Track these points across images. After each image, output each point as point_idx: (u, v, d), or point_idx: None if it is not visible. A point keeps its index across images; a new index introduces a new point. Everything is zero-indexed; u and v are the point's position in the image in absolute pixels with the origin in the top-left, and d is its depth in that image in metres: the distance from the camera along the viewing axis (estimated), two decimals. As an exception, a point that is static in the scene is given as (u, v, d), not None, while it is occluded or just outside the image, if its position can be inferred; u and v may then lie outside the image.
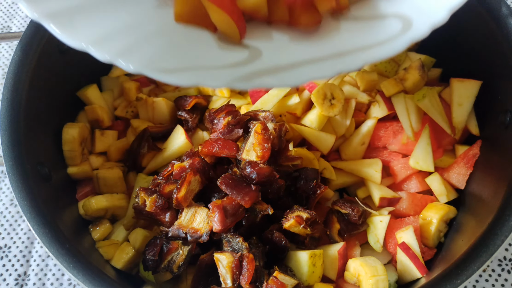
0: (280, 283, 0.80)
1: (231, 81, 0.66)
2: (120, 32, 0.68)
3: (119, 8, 0.73)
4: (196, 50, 0.71)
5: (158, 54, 0.68)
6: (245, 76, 0.67)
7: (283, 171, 0.93)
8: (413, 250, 0.90)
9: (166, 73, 0.65)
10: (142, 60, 0.65)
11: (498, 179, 0.89)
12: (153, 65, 0.65)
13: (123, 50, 0.65)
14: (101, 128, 1.09)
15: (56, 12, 0.66)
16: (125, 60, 0.64)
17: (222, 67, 0.69)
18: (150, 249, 0.86)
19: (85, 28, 0.66)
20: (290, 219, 0.86)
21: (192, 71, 0.67)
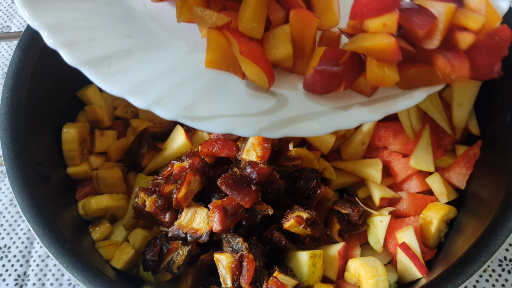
0: (280, 284, 0.80)
1: (260, 130, 0.70)
2: (155, 79, 0.71)
3: (153, 54, 0.76)
4: (226, 97, 0.74)
5: (191, 102, 0.70)
6: (274, 125, 0.71)
7: (283, 171, 0.93)
8: (413, 250, 0.90)
9: (199, 121, 0.69)
10: (176, 109, 0.68)
11: (499, 179, 0.89)
12: (187, 113, 0.68)
13: (159, 98, 0.68)
14: (100, 128, 1.09)
15: (94, 59, 0.69)
16: (161, 109, 0.67)
17: (252, 115, 0.72)
18: (150, 249, 0.86)
19: (121, 75, 0.69)
20: (290, 219, 0.86)
21: (223, 118, 0.70)
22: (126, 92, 0.67)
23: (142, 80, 0.70)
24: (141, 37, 0.79)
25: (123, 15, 0.81)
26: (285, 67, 0.80)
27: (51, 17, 0.71)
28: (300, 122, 0.73)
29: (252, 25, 0.75)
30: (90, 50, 0.70)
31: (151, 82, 0.71)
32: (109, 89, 0.67)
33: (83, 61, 0.68)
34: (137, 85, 0.69)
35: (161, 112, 0.67)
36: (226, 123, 0.70)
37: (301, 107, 0.75)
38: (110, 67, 0.70)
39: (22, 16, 1.46)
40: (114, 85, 0.67)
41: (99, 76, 0.68)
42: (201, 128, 0.69)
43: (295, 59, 0.79)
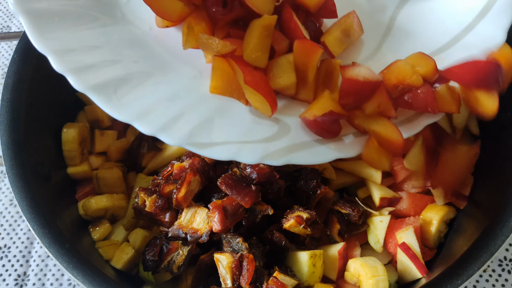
0: (280, 284, 0.80)
1: (263, 158, 0.72)
2: (161, 105, 0.73)
3: (158, 79, 0.78)
4: (230, 123, 0.76)
5: (195, 128, 0.72)
6: (276, 153, 0.73)
7: (283, 171, 0.93)
8: (413, 250, 0.90)
9: (203, 148, 0.70)
10: (181, 136, 0.70)
11: (499, 179, 0.89)
12: (191, 140, 0.70)
13: (165, 125, 0.70)
14: (100, 128, 1.09)
15: (101, 85, 0.70)
16: (167, 136, 0.69)
17: (255, 142, 0.74)
18: (150, 249, 0.86)
19: (128, 101, 0.71)
20: (290, 219, 0.86)
21: (227, 145, 0.72)
22: (133, 119, 0.69)
23: (148, 106, 0.72)
24: (146, 62, 0.80)
25: (129, 39, 0.82)
26: (288, 94, 0.82)
27: (57, 42, 0.72)
28: (301, 151, 0.75)
29: (257, 55, 0.77)
30: (97, 75, 0.71)
31: (157, 109, 0.72)
32: (116, 115, 0.68)
33: (91, 87, 0.69)
34: (143, 112, 0.70)
35: (167, 139, 0.69)
36: (230, 150, 0.71)
37: (302, 135, 0.77)
38: (117, 93, 0.71)
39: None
40: (121, 112, 0.69)
41: (106, 102, 0.69)
42: (205, 155, 0.71)
43: (298, 87, 0.81)
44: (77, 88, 0.68)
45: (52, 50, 0.70)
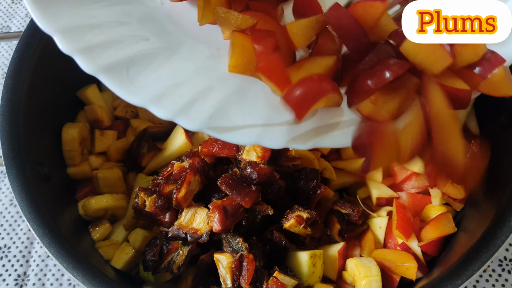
0: (280, 284, 0.80)
1: (289, 141, 0.66)
2: (177, 87, 0.67)
3: (173, 59, 0.71)
4: (252, 105, 0.70)
5: (216, 111, 0.66)
6: (303, 136, 0.67)
7: (283, 171, 0.93)
8: (413, 250, 0.90)
9: (225, 132, 0.65)
10: (201, 119, 0.64)
11: (499, 179, 0.89)
12: (212, 124, 0.65)
13: (183, 109, 0.64)
14: (100, 128, 1.09)
15: (112, 66, 0.65)
16: (186, 120, 0.64)
17: (279, 125, 0.68)
18: (150, 250, 0.86)
19: (142, 83, 0.65)
20: (290, 219, 0.86)
21: (250, 129, 0.66)
22: (148, 102, 0.63)
23: (164, 89, 0.66)
24: (159, 40, 0.74)
25: (140, 16, 0.76)
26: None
27: (63, 20, 0.66)
28: (331, 132, 0.69)
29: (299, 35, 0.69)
30: (108, 55, 0.66)
31: (173, 91, 0.66)
32: (130, 99, 0.63)
33: (101, 68, 0.64)
34: (159, 94, 0.65)
35: (186, 124, 0.64)
36: (254, 134, 0.66)
37: (331, 116, 0.70)
38: (129, 74, 0.65)
39: (22, 16, 1.47)
40: (135, 95, 0.63)
41: (119, 84, 0.64)
42: (227, 139, 0.66)
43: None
44: (87, 70, 0.63)
45: (57, 29, 0.64)
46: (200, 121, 0.64)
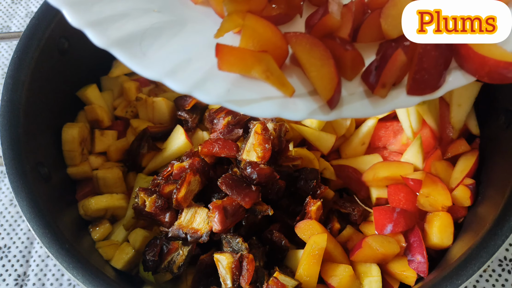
0: (281, 284, 0.80)
1: (311, 113, 0.64)
2: (194, 59, 0.64)
3: (188, 29, 0.69)
4: None
5: (234, 83, 0.64)
6: (325, 106, 0.64)
7: (283, 171, 0.93)
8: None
9: (244, 105, 0.62)
10: (219, 92, 0.62)
11: (499, 179, 0.89)
12: (230, 96, 0.62)
13: (199, 81, 0.62)
14: (100, 128, 1.09)
15: (125, 39, 0.62)
16: (204, 93, 0.61)
17: (300, 96, 0.65)
18: (150, 250, 0.86)
19: (156, 56, 0.63)
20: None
21: (270, 101, 0.63)
22: (164, 75, 0.60)
23: (180, 62, 0.63)
24: (173, 11, 0.71)
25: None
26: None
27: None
28: (355, 102, 0.65)
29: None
30: (119, 28, 0.63)
31: (189, 64, 0.63)
32: (144, 72, 0.60)
33: (114, 42, 0.61)
34: (174, 67, 0.62)
35: (203, 97, 0.60)
36: (273, 106, 0.63)
37: (355, 85, 0.68)
38: (143, 48, 0.62)
39: (22, 16, 1.47)
40: (150, 68, 0.60)
41: (132, 58, 0.61)
42: (247, 112, 0.62)
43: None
44: (98, 43, 0.60)
45: (66, 2, 0.61)
46: (217, 95, 0.61)
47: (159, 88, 1.20)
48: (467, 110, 1.02)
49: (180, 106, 1.09)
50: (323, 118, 0.65)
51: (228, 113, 0.95)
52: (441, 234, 0.90)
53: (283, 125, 0.93)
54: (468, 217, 0.95)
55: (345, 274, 0.86)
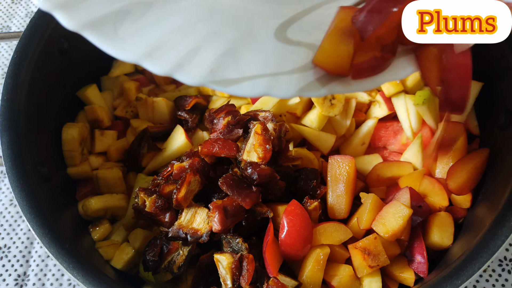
0: (281, 284, 0.80)
1: (301, 90, 0.62)
2: (172, 38, 0.61)
3: (166, 6, 0.65)
4: (257, 53, 0.65)
5: (217, 62, 0.61)
6: (316, 82, 0.62)
7: (283, 171, 0.93)
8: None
9: (229, 84, 0.60)
10: (202, 72, 0.59)
11: (499, 179, 0.89)
12: (214, 76, 0.59)
13: (180, 61, 0.59)
14: (100, 128, 1.09)
15: (97, 20, 0.59)
16: (185, 74, 0.58)
17: (288, 72, 0.63)
18: (150, 250, 0.86)
19: (132, 37, 0.59)
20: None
21: (257, 79, 0.61)
22: (141, 57, 0.57)
23: (157, 41, 0.60)
24: None
25: None
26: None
27: None
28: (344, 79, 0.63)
29: None
30: (91, 9, 0.59)
31: (168, 43, 0.60)
32: (120, 55, 0.57)
33: (85, 23, 0.57)
34: (151, 47, 0.59)
35: (185, 78, 0.58)
36: (261, 84, 0.60)
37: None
38: (117, 28, 0.59)
39: (22, 16, 1.47)
40: (126, 50, 0.57)
41: (106, 40, 0.58)
42: (233, 93, 0.60)
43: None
44: (69, 27, 0.57)
45: None
46: (200, 76, 0.59)
47: (159, 88, 1.20)
48: (467, 110, 1.01)
49: (180, 106, 1.09)
50: (314, 95, 0.63)
51: (228, 114, 0.95)
52: (441, 234, 0.90)
53: (283, 125, 0.93)
54: (468, 217, 0.95)
55: (345, 274, 0.86)
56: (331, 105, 1.00)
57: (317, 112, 1.01)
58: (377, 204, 0.91)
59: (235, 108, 0.98)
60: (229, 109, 0.96)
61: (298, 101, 1.03)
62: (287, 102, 1.04)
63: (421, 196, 0.94)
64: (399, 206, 0.87)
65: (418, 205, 0.93)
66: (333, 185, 0.94)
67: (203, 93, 1.15)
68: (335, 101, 1.00)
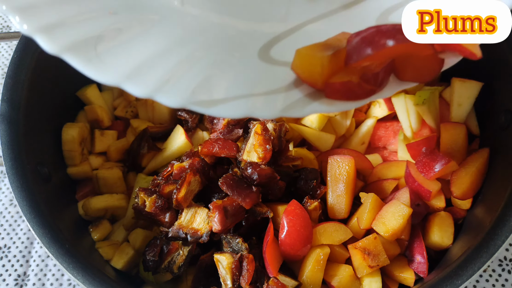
0: (281, 284, 0.80)
1: (284, 110, 0.60)
2: (153, 61, 0.62)
3: (146, 30, 0.66)
4: (239, 73, 0.65)
5: (199, 84, 0.61)
6: (299, 102, 0.61)
7: (283, 171, 0.93)
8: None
9: (211, 105, 0.59)
10: (183, 94, 0.59)
11: (499, 179, 0.89)
12: (196, 98, 0.59)
13: (162, 83, 0.59)
14: (100, 128, 1.09)
15: (78, 43, 0.59)
16: (165, 96, 0.58)
17: (272, 92, 0.62)
18: (150, 250, 0.86)
19: (112, 60, 0.59)
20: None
21: (240, 100, 0.60)
22: (121, 80, 0.57)
23: (138, 64, 0.60)
24: (129, 11, 0.67)
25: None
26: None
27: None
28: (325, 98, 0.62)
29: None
30: (72, 32, 0.60)
31: (149, 66, 0.60)
32: (101, 78, 0.57)
33: (66, 47, 0.58)
34: (132, 70, 0.59)
35: (166, 100, 0.57)
36: (244, 105, 0.60)
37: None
38: (98, 51, 0.59)
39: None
40: (107, 73, 0.57)
41: (87, 64, 0.58)
42: (215, 114, 0.59)
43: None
44: (49, 50, 0.57)
45: (16, 7, 0.58)
46: (182, 97, 0.58)
47: (159, 88, 1.20)
48: (467, 110, 1.01)
49: (180, 106, 1.09)
50: (297, 115, 0.62)
51: (228, 113, 0.95)
52: (441, 234, 0.90)
53: (283, 126, 0.93)
54: (468, 217, 0.95)
55: (345, 274, 0.86)
56: (331, 105, 1.00)
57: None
58: (377, 203, 0.91)
59: (235, 108, 0.98)
60: (229, 109, 0.96)
61: (298, 101, 1.03)
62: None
63: (419, 194, 0.94)
64: (399, 205, 0.87)
65: (416, 204, 0.93)
66: (333, 185, 0.94)
67: (203, 93, 1.15)
68: (335, 101, 1.00)
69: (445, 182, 0.96)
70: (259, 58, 0.68)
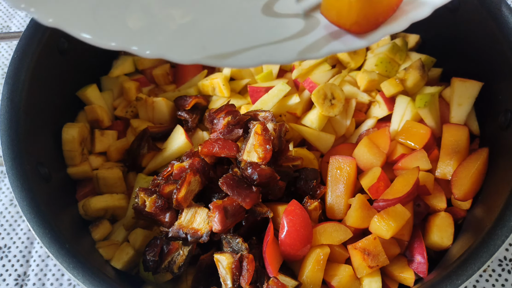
0: (281, 284, 0.80)
1: (302, 52, 0.60)
2: (160, 17, 0.60)
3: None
4: (249, 25, 0.63)
5: (209, 37, 0.59)
6: (314, 45, 0.61)
7: (283, 171, 0.93)
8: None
9: (224, 58, 0.57)
10: (194, 49, 0.57)
11: (499, 179, 0.89)
12: (207, 52, 0.57)
13: (171, 40, 0.57)
14: (100, 128, 1.09)
15: (75, 13, 0.58)
16: (177, 53, 0.56)
17: (285, 40, 0.62)
18: (150, 250, 0.86)
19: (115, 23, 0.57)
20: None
21: (254, 50, 0.59)
22: (128, 42, 0.55)
23: (143, 24, 0.58)
24: None
25: None
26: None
27: None
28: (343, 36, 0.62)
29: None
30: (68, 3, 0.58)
31: (156, 23, 0.59)
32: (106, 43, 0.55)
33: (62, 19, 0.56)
34: (138, 31, 0.57)
35: (178, 58, 0.56)
36: (260, 53, 0.59)
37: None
38: (97, 18, 0.57)
39: (22, 16, 1.47)
40: (110, 38, 0.55)
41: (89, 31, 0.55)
42: (231, 66, 0.57)
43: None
44: (46, 23, 0.55)
45: None
46: (193, 53, 0.57)
47: (159, 88, 1.20)
48: (467, 110, 1.02)
49: (180, 106, 1.09)
50: (314, 57, 0.62)
51: (228, 114, 0.95)
52: (441, 234, 0.90)
53: (283, 126, 0.93)
54: (468, 217, 0.95)
55: (345, 274, 0.86)
56: (331, 105, 1.00)
57: (317, 112, 1.01)
58: (363, 203, 0.91)
59: (235, 108, 0.98)
60: (229, 109, 0.96)
61: (298, 101, 1.03)
62: (287, 102, 1.04)
63: (419, 194, 0.94)
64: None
65: (417, 204, 0.93)
66: (333, 185, 0.94)
67: (203, 93, 1.16)
68: (335, 101, 1.00)
69: (446, 182, 0.96)
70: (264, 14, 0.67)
